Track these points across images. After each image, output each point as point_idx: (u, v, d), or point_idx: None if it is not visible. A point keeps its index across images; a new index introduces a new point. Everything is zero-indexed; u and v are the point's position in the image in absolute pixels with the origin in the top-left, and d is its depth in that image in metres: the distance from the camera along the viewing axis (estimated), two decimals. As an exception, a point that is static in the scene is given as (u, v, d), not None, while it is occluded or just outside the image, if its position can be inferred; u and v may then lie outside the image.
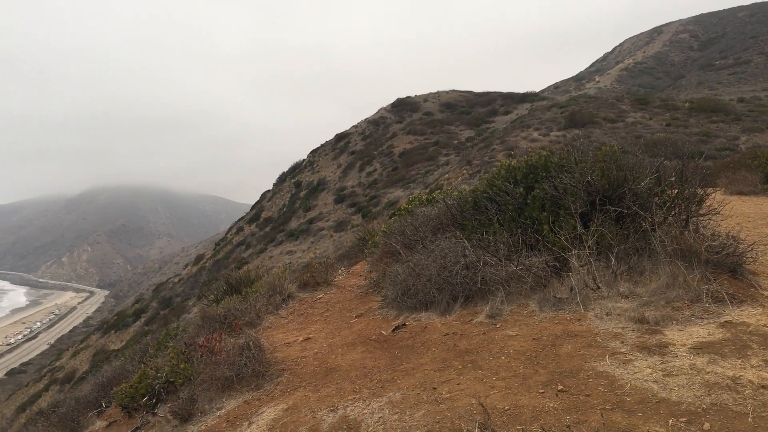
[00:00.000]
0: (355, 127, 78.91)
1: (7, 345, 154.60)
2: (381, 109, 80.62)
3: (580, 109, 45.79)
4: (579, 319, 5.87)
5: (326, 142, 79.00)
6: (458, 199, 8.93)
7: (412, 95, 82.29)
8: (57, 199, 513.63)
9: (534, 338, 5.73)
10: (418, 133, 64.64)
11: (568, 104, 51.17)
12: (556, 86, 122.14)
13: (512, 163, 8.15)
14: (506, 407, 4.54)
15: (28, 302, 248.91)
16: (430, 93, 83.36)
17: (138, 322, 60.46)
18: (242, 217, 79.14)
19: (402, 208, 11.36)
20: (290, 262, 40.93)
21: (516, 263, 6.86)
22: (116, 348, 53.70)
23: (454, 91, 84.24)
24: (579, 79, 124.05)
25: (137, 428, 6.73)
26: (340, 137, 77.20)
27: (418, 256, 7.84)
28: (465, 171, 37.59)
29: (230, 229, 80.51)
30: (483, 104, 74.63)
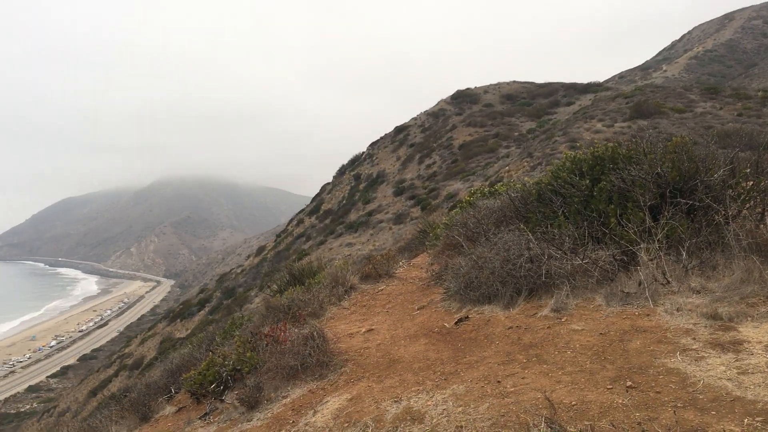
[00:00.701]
0: (414, 119, 78.83)
1: (80, 332, 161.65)
2: (441, 101, 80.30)
3: (646, 99, 44.48)
4: (648, 315, 5.73)
5: (385, 134, 79.19)
6: (522, 191, 8.83)
7: (472, 87, 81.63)
8: (125, 191, 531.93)
9: (601, 333, 5.62)
10: (478, 125, 64.09)
11: (634, 94, 49.78)
12: (621, 76, 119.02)
13: (578, 155, 7.99)
14: (573, 402, 4.48)
15: (99, 291, 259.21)
16: (491, 84, 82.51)
17: (202, 312, 62.08)
18: (302, 210, 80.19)
19: (464, 200, 11.31)
20: (350, 254, 41.25)
21: (582, 256, 6.74)
22: (182, 336, 55.31)
23: (515, 82, 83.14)
24: (645, 68, 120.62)
25: (206, 414, 6.92)
26: (399, 130, 77.28)
27: (481, 249, 7.79)
28: (526, 163, 37.09)
29: (291, 221, 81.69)
30: (545, 95, 73.42)
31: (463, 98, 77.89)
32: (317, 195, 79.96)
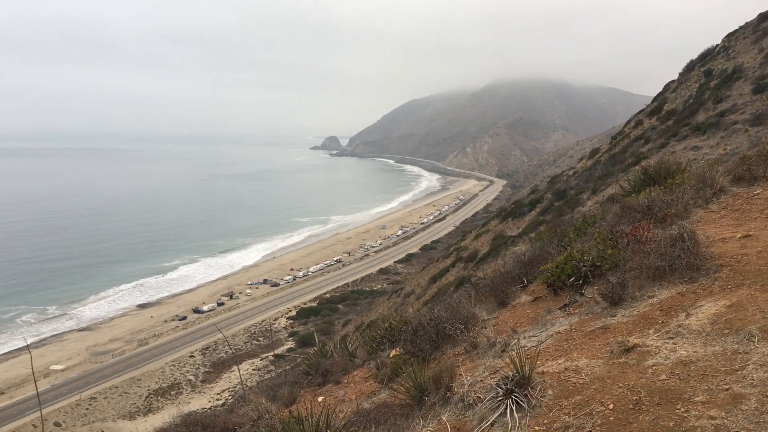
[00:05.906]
0: (788, 2, 67.10)
1: (421, 224, 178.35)
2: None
3: None
4: None
5: (746, 23, 68.86)
6: None
7: None
8: (462, 93, 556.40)
9: None
10: None
11: None
12: None
13: None
14: None
15: (439, 187, 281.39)
16: None
17: (533, 212, 63.07)
18: (641, 110, 75.19)
19: None
20: (695, 159, 37.80)
21: None
22: (513, 234, 57.18)
23: None
24: None
25: (565, 305, 7.03)
26: (764, 17, 66.61)
27: None
28: None
29: (628, 122, 77.31)
30: None
31: None
32: (659, 94, 74.00)
